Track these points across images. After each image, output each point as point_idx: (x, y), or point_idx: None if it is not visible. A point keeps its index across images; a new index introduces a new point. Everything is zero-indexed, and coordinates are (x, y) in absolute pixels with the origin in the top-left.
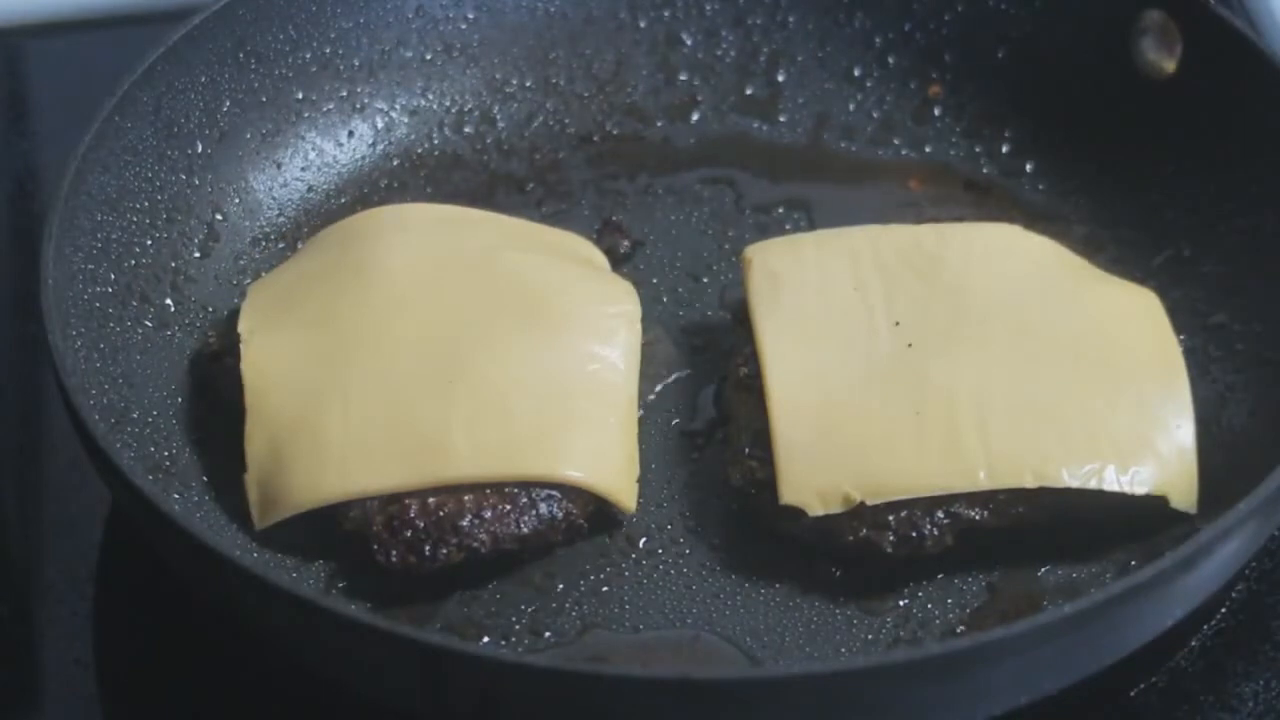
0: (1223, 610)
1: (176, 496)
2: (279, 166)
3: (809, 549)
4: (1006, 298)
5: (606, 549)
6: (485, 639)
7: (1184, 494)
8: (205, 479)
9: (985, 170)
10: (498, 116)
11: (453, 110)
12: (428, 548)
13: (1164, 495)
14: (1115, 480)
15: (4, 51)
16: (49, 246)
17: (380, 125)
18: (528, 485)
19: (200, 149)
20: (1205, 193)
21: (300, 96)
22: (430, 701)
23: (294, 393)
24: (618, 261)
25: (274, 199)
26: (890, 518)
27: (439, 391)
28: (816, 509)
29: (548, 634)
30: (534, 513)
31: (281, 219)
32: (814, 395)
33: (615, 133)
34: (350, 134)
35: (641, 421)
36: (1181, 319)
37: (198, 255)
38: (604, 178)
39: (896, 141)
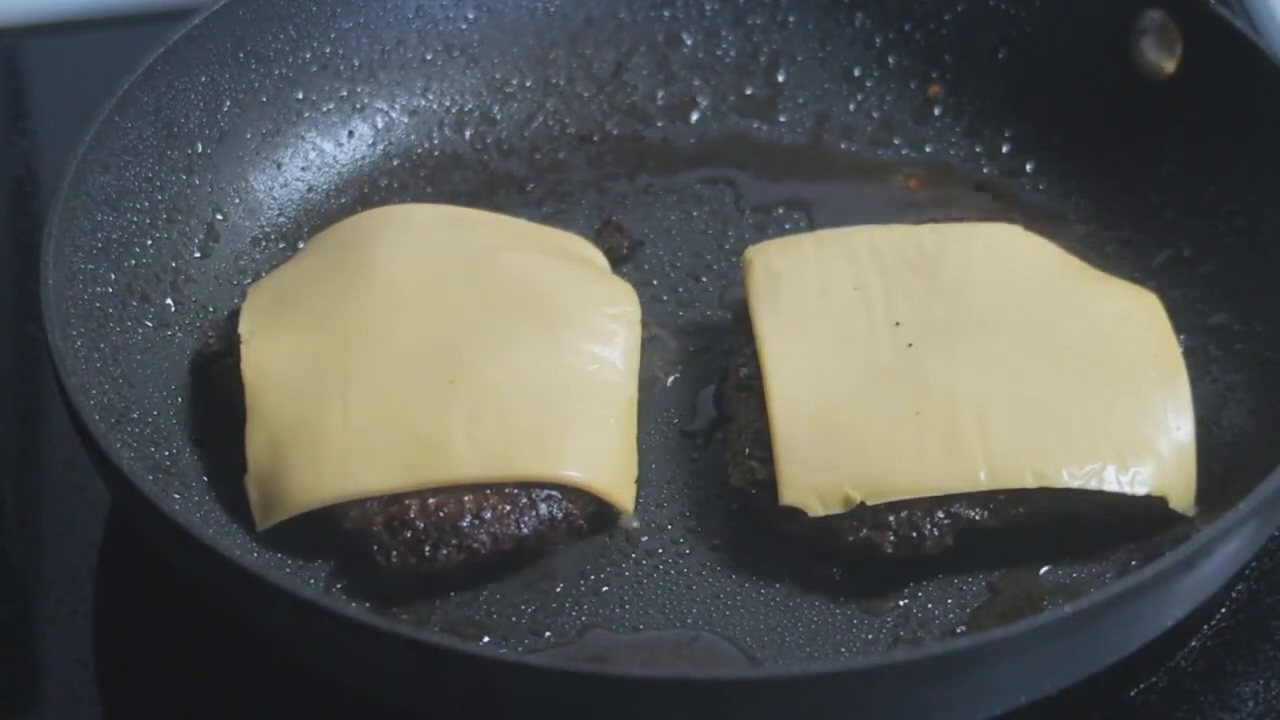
0: (1223, 610)
1: (176, 496)
2: (279, 166)
3: (809, 549)
4: (1006, 298)
5: (606, 549)
6: (485, 639)
7: (1183, 494)
8: (205, 479)
9: (985, 170)
10: (498, 116)
11: (453, 110)
12: (428, 548)
13: (1163, 496)
14: (1115, 480)
15: (4, 51)
16: (49, 246)
17: (380, 125)
18: (527, 486)
19: (200, 149)
20: (1205, 193)
21: (300, 96)
22: (430, 701)
23: (294, 393)
24: (618, 261)
25: (274, 199)
26: (890, 518)
27: (439, 391)
28: (816, 509)
29: (548, 634)
30: (534, 513)
31: (281, 219)
32: (814, 395)
33: (615, 133)
34: (350, 134)
35: (641, 421)
36: (1181, 319)
37: (198, 255)
38: (604, 178)
39: (896, 141)
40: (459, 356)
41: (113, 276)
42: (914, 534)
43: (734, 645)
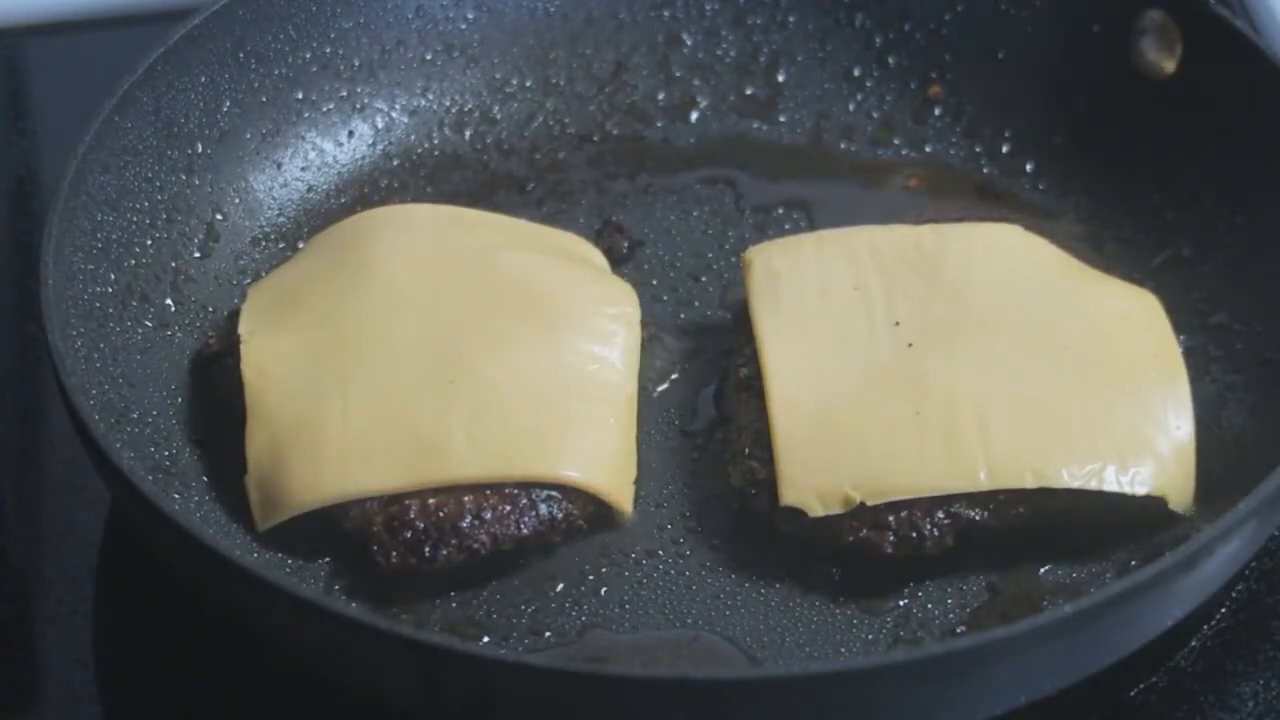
0: (1223, 610)
1: (176, 496)
2: (279, 166)
3: (809, 549)
4: (1006, 298)
5: (606, 549)
6: (485, 639)
7: (1182, 494)
8: (205, 479)
9: (985, 170)
10: (498, 116)
11: (453, 110)
12: (427, 548)
13: (1163, 496)
14: (1115, 480)
15: (4, 51)
16: (49, 246)
17: (380, 125)
18: (527, 486)
19: (200, 149)
20: (1205, 193)
21: (300, 96)
22: (430, 701)
23: (294, 393)
24: (618, 261)
25: (274, 199)
26: (890, 518)
27: (439, 392)
28: (816, 510)
29: (548, 634)
30: (534, 513)
31: (281, 219)
32: (814, 395)
33: (615, 133)
34: (350, 134)
35: (641, 421)
36: (1181, 319)
37: (198, 255)
38: (604, 178)
39: (896, 141)
40: (459, 356)
41: (113, 276)
42: (914, 534)
43: (734, 645)
